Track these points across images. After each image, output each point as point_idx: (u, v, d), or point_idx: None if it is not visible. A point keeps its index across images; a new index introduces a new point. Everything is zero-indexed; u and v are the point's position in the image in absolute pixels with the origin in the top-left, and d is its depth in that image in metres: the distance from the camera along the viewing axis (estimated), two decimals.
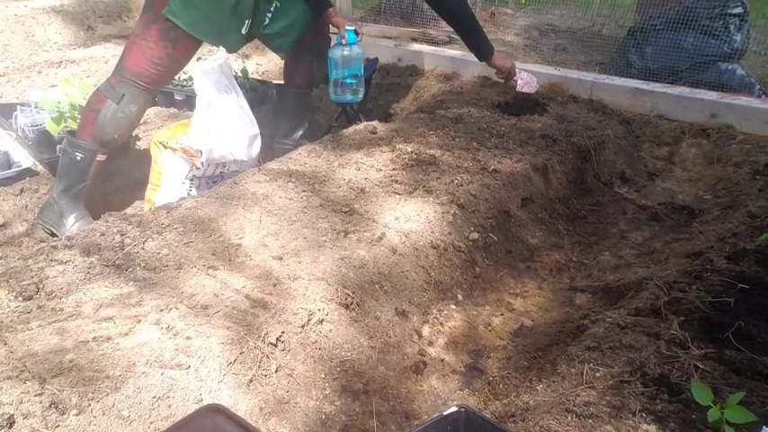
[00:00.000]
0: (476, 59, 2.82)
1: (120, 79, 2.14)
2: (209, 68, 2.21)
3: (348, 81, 2.66)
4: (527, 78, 2.91)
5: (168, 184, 2.30)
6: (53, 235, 2.27)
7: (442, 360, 1.61)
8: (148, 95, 2.20)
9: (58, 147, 2.38)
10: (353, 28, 2.54)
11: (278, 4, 2.30)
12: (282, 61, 2.83)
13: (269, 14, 2.32)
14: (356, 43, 2.59)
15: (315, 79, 2.84)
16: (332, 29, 2.72)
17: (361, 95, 2.76)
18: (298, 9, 2.42)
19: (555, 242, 2.19)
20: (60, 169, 2.26)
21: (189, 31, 2.08)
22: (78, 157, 2.20)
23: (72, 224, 2.23)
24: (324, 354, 1.42)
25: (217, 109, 2.23)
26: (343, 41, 2.54)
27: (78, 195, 2.27)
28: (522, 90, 2.88)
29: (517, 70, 2.88)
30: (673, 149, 2.77)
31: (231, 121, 2.28)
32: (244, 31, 2.24)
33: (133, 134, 2.98)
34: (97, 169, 2.28)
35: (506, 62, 2.85)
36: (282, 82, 2.97)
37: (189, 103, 3.09)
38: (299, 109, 2.80)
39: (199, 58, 3.30)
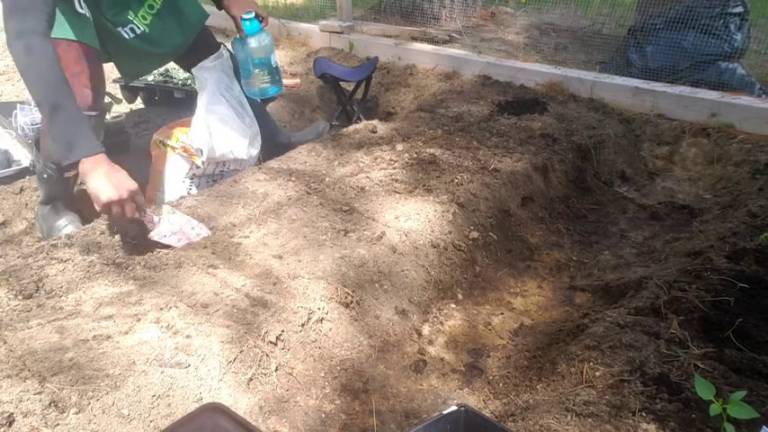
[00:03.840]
0: (477, 57, 2.73)
1: None
2: (210, 67, 2.21)
3: (261, 72, 2.32)
4: (176, 229, 1.74)
5: (168, 182, 2.30)
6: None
7: (442, 359, 1.61)
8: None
9: (30, 159, 2.31)
10: (252, 15, 2.18)
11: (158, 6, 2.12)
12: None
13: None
14: (259, 30, 2.20)
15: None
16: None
17: (280, 86, 2.39)
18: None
19: (555, 241, 2.19)
20: (37, 179, 2.23)
21: None
22: (45, 175, 2.15)
23: (61, 230, 2.19)
24: (324, 352, 1.42)
25: (217, 108, 2.23)
26: (242, 35, 2.22)
27: (61, 203, 2.22)
28: (159, 240, 1.72)
29: (169, 210, 1.78)
30: (673, 149, 2.77)
31: (232, 120, 2.28)
32: (81, 10, 1.95)
33: (133, 133, 2.98)
34: (71, 183, 2.20)
35: (110, 192, 1.60)
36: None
37: (189, 101, 3.09)
38: (262, 115, 2.61)
39: None
